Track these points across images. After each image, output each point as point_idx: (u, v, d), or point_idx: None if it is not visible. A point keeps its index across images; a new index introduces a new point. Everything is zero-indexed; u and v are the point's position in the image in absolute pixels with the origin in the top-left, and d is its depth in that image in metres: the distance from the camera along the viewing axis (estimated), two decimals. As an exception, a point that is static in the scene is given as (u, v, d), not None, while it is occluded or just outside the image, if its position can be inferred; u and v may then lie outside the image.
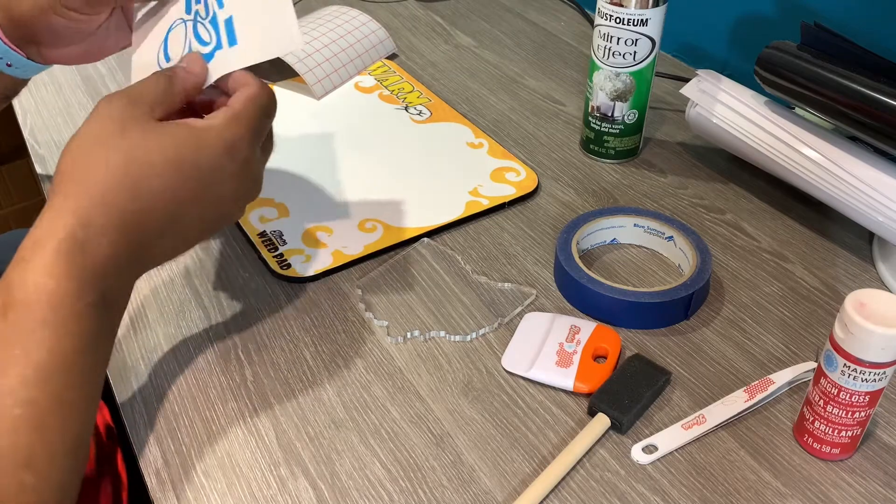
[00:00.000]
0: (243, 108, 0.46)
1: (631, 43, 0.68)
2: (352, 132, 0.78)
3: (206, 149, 0.44)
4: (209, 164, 0.44)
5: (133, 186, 0.42)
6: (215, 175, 0.44)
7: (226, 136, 0.44)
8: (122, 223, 0.42)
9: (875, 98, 0.56)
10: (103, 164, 0.41)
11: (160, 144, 0.43)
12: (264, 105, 0.47)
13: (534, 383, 0.53)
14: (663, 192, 0.71)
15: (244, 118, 0.46)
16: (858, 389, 0.44)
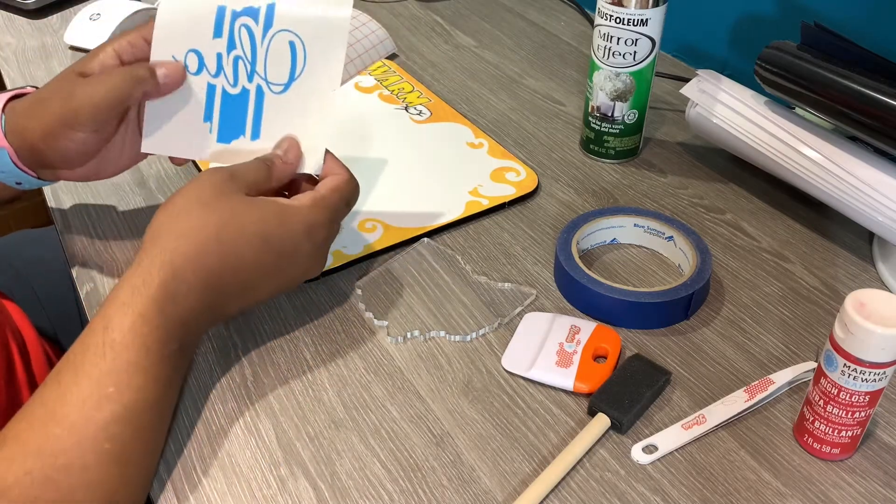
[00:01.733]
0: (328, 196, 0.50)
1: (631, 43, 0.68)
2: (352, 132, 0.78)
3: (290, 226, 0.48)
4: (291, 240, 0.48)
5: (224, 250, 0.46)
6: (293, 252, 0.49)
7: (308, 219, 0.49)
8: (207, 281, 0.46)
9: (875, 98, 0.56)
10: (201, 225, 0.46)
11: (252, 216, 0.47)
12: (347, 196, 0.52)
13: (534, 383, 0.53)
14: (663, 192, 0.71)
15: (327, 205, 0.50)
16: (858, 389, 0.44)
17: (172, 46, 0.54)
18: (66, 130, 0.51)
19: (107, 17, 0.95)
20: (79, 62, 0.54)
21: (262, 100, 0.53)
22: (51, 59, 0.92)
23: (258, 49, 0.53)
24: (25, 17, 1.03)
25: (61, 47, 0.95)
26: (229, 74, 0.53)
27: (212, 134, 0.54)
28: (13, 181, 0.56)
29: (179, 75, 0.53)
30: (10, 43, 0.96)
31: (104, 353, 0.42)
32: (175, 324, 0.45)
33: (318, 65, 0.52)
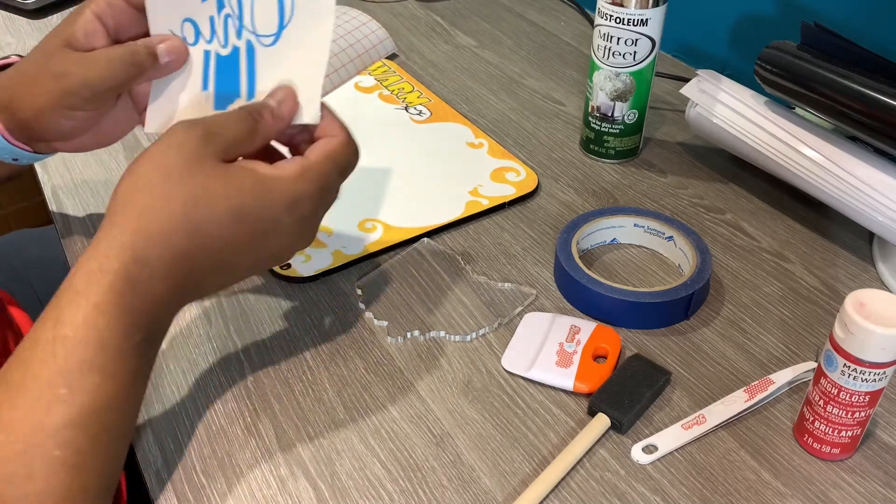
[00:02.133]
0: (317, 164, 0.44)
1: (631, 43, 0.68)
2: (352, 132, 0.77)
3: (269, 201, 0.42)
4: (269, 216, 0.43)
5: (192, 229, 0.41)
6: (273, 227, 0.43)
7: (291, 192, 0.43)
8: (175, 264, 0.41)
9: (875, 98, 0.56)
10: (165, 201, 0.40)
11: (225, 190, 0.41)
12: (341, 164, 0.46)
13: (534, 383, 0.53)
14: (663, 192, 0.71)
15: (315, 175, 0.44)
16: (858, 389, 0.44)
17: (167, 18, 0.50)
18: (62, 111, 0.49)
19: (107, 17, 0.94)
20: (61, 30, 0.50)
21: (252, 55, 0.49)
22: (51, 59, 0.92)
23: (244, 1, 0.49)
24: (25, 17, 1.03)
25: (61, 47, 0.95)
26: (220, 36, 0.50)
27: (208, 102, 0.51)
28: (9, 157, 0.53)
29: (181, 54, 0.50)
30: (10, 43, 0.96)
31: (54, 351, 0.38)
32: (138, 313, 0.40)
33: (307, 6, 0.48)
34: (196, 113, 0.50)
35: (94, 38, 0.49)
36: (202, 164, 0.41)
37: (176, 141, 0.42)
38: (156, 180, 0.41)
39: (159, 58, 0.49)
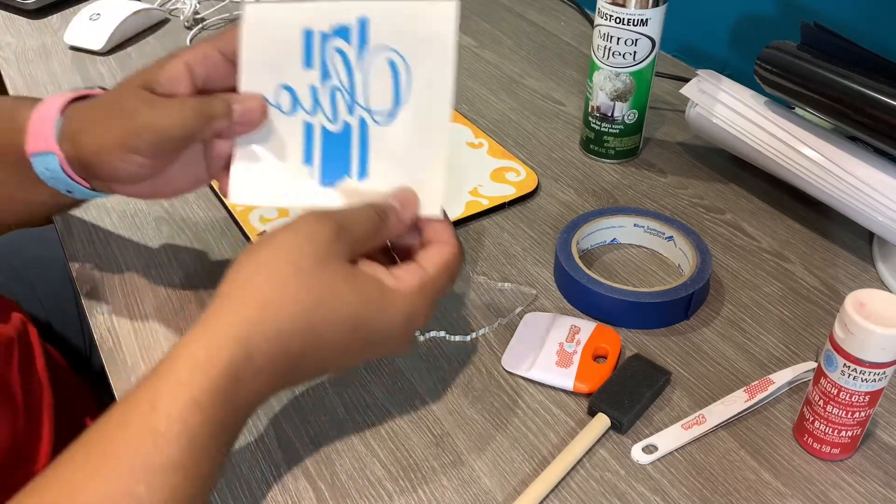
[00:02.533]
0: (435, 279, 0.43)
1: (631, 43, 0.68)
2: None
3: (387, 315, 0.41)
4: (385, 329, 0.42)
5: (310, 334, 0.39)
6: (385, 338, 0.42)
7: (409, 308, 0.42)
8: (283, 364, 0.39)
9: (875, 98, 0.56)
10: (292, 299, 0.39)
11: (349, 297, 0.40)
12: (455, 275, 0.45)
13: (534, 383, 0.53)
14: (663, 192, 0.71)
15: (432, 291, 0.43)
16: (858, 389, 0.44)
17: (261, 82, 0.47)
18: (123, 152, 0.46)
19: (107, 17, 0.95)
20: (147, 71, 0.47)
21: (366, 133, 0.46)
22: (51, 59, 0.92)
23: (355, 74, 0.46)
24: (25, 17, 1.03)
25: (61, 47, 0.95)
26: (327, 109, 0.47)
27: (313, 177, 0.48)
28: (64, 188, 0.50)
29: (259, 114, 0.47)
30: (11, 43, 0.96)
31: (143, 442, 0.35)
32: (233, 410, 0.38)
33: (426, 83, 0.45)
34: (298, 186, 0.48)
35: (177, 86, 0.46)
36: (333, 262, 0.40)
37: (307, 232, 0.40)
38: (285, 274, 0.39)
39: (234, 114, 0.46)
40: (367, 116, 0.46)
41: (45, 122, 0.48)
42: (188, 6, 1.02)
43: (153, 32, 0.99)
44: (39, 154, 0.48)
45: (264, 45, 0.47)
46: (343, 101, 0.47)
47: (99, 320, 0.57)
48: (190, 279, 0.61)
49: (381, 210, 0.44)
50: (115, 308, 0.58)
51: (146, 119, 0.45)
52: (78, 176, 0.49)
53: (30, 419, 0.59)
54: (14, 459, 0.55)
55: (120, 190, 0.50)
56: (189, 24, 1.00)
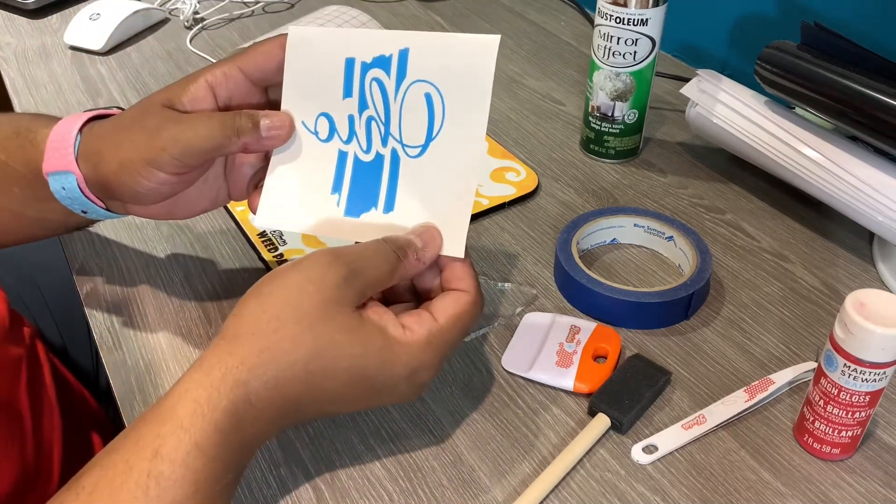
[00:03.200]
0: (445, 331, 0.42)
1: (631, 43, 0.68)
2: None
3: (391, 367, 0.40)
4: (388, 381, 0.41)
5: (310, 380, 0.39)
6: (388, 390, 0.42)
7: (415, 362, 0.41)
8: (284, 409, 0.39)
9: (875, 98, 0.56)
10: (291, 346, 0.38)
11: (351, 349, 0.39)
12: (467, 325, 0.43)
13: (534, 383, 0.53)
14: (663, 192, 0.71)
15: (441, 344, 0.42)
16: (858, 389, 0.44)
17: (301, 107, 0.47)
18: (146, 168, 0.45)
19: (106, 17, 0.95)
20: (168, 90, 0.47)
21: (397, 166, 0.46)
22: (51, 59, 0.92)
23: (391, 106, 0.45)
24: (25, 17, 1.03)
25: (61, 47, 0.95)
26: (362, 139, 0.46)
27: (339, 207, 0.47)
28: (79, 209, 0.49)
29: (287, 129, 0.47)
30: (10, 43, 0.96)
31: (147, 487, 0.35)
32: (236, 452, 0.38)
33: (459, 119, 0.44)
34: (323, 214, 0.47)
35: (200, 104, 0.46)
36: (337, 311, 0.39)
37: (316, 275, 0.40)
38: (286, 319, 0.39)
39: (261, 128, 0.46)
40: (400, 149, 0.45)
41: (64, 141, 0.47)
42: (188, 6, 1.02)
43: (153, 32, 0.99)
44: (57, 173, 0.47)
45: (307, 70, 0.46)
46: (378, 132, 0.46)
47: (99, 320, 0.57)
48: (190, 279, 0.61)
49: (399, 248, 0.42)
50: (115, 308, 0.58)
51: (170, 135, 0.44)
52: (95, 195, 0.48)
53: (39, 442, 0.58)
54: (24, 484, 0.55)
55: (136, 211, 0.50)
56: (189, 24, 1.00)
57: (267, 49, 0.47)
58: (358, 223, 0.47)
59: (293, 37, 0.46)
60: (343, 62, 0.46)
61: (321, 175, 0.47)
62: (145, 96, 0.48)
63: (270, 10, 1.05)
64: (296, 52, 0.46)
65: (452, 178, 0.44)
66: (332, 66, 0.46)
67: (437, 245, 0.44)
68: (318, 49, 0.46)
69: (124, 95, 0.84)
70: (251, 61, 0.47)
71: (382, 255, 0.42)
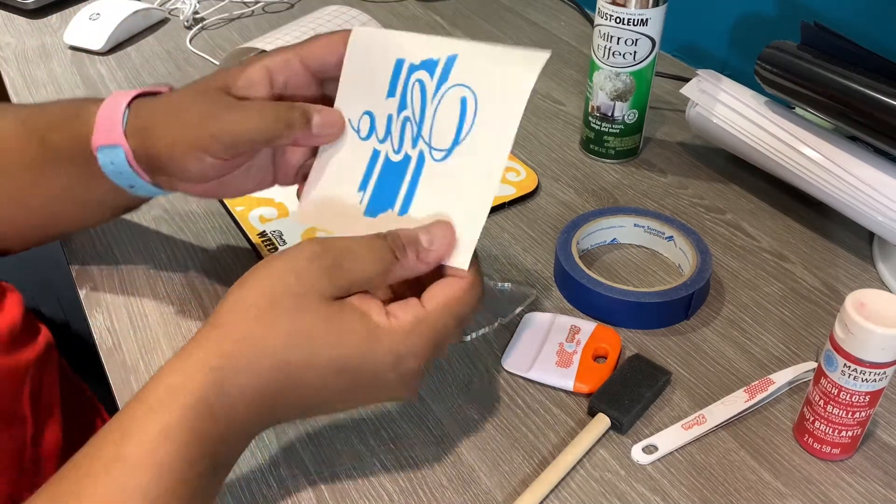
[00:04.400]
0: (433, 317, 0.40)
1: (631, 43, 0.68)
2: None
3: (373, 355, 0.39)
4: (372, 370, 0.39)
5: (287, 371, 0.38)
6: (373, 381, 0.40)
7: (399, 348, 0.39)
8: (260, 398, 0.38)
9: (875, 98, 0.56)
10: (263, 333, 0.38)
11: (328, 338, 0.38)
12: (461, 314, 0.41)
13: (534, 383, 0.53)
14: (663, 192, 0.71)
15: (429, 330, 0.40)
16: (859, 389, 0.44)
17: (351, 106, 0.47)
18: (195, 151, 0.45)
19: (106, 16, 0.95)
20: (224, 73, 0.46)
21: (420, 168, 0.45)
22: (50, 59, 0.92)
23: (427, 107, 0.44)
24: (25, 17, 1.03)
25: (61, 47, 0.95)
26: (395, 139, 0.46)
27: (361, 205, 0.47)
28: (127, 183, 0.49)
29: (338, 128, 0.47)
30: (10, 43, 0.96)
31: (112, 469, 0.35)
32: (208, 440, 0.37)
33: (487, 126, 0.43)
34: (348, 212, 0.47)
35: (255, 89, 0.46)
36: (317, 301, 0.38)
37: (299, 265, 0.39)
38: (263, 307, 0.38)
39: (312, 126, 0.45)
40: (427, 151, 0.45)
41: (113, 116, 0.47)
42: (188, 6, 1.02)
43: (153, 32, 0.99)
44: (106, 147, 0.47)
45: (362, 69, 0.46)
46: (410, 133, 0.45)
47: (99, 320, 0.57)
48: (190, 279, 0.61)
49: (399, 246, 0.41)
50: (115, 308, 0.58)
51: (224, 122, 0.44)
52: (144, 171, 0.48)
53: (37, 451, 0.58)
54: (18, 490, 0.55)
55: (184, 188, 0.49)
56: (189, 24, 1.00)
57: (330, 42, 0.46)
58: (373, 222, 0.46)
59: (356, 34, 0.46)
60: (394, 62, 0.45)
61: (353, 172, 0.47)
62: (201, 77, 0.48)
63: (270, 10, 1.05)
64: (355, 50, 0.46)
65: (470, 188, 0.43)
66: (384, 65, 0.46)
67: (444, 247, 0.42)
68: (375, 48, 0.46)
69: (124, 95, 0.84)
70: (312, 52, 0.46)
71: (375, 253, 0.40)
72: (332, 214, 0.48)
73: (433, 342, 0.40)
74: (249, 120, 0.44)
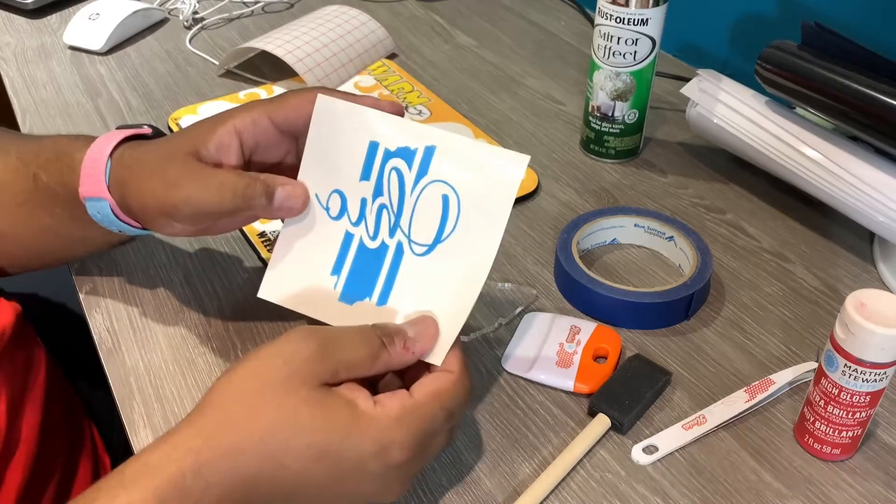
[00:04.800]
0: (419, 407, 0.39)
1: (631, 42, 0.68)
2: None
3: (356, 442, 0.38)
4: (354, 458, 0.38)
5: (266, 455, 0.37)
6: (356, 471, 0.38)
7: (383, 437, 0.38)
8: (237, 485, 0.37)
9: (875, 98, 0.56)
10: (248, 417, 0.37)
11: (312, 422, 0.37)
12: (449, 407, 0.40)
13: (534, 384, 0.52)
14: (664, 192, 0.71)
15: (415, 420, 0.39)
16: (859, 390, 0.44)
17: (318, 180, 0.47)
18: (164, 218, 0.47)
19: (106, 16, 0.94)
20: (196, 134, 0.47)
21: (399, 260, 0.45)
22: (50, 59, 0.92)
23: (406, 200, 0.44)
24: (25, 17, 1.03)
25: (60, 47, 0.95)
26: (370, 225, 0.46)
27: (335, 290, 0.46)
28: (116, 229, 0.51)
29: (301, 202, 0.47)
30: (10, 43, 0.96)
31: None
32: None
33: (472, 230, 0.43)
34: (319, 295, 0.47)
35: (225, 154, 0.47)
36: (302, 385, 0.38)
37: (286, 350, 0.39)
38: (248, 390, 0.38)
39: (274, 200, 0.46)
40: (406, 243, 0.45)
41: (97, 167, 0.48)
42: (188, 6, 1.02)
43: (152, 32, 0.99)
44: (92, 199, 0.49)
45: (330, 141, 0.46)
46: (387, 222, 0.45)
47: (99, 320, 0.57)
48: (189, 279, 0.61)
49: (386, 334, 0.41)
50: (115, 308, 0.58)
51: (186, 193, 0.45)
52: (130, 218, 0.49)
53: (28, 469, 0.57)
54: None
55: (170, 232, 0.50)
56: (188, 24, 1.00)
57: (297, 103, 0.47)
58: (349, 310, 0.46)
59: (321, 103, 0.46)
60: (367, 144, 0.45)
61: (325, 254, 0.47)
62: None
63: (270, 10, 1.05)
64: (321, 120, 0.46)
65: (451, 288, 0.43)
66: (356, 144, 0.46)
67: (430, 339, 0.42)
68: (345, 123, 0.46)
69: (124, 95, 0.84)
70: (280, 111, 0.47)
71: (363, 338, 0.40)
72: (305, 296, 0.47)
73: (420, 433, 0.39)
74: (210, 193, 0.45)
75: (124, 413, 0.51)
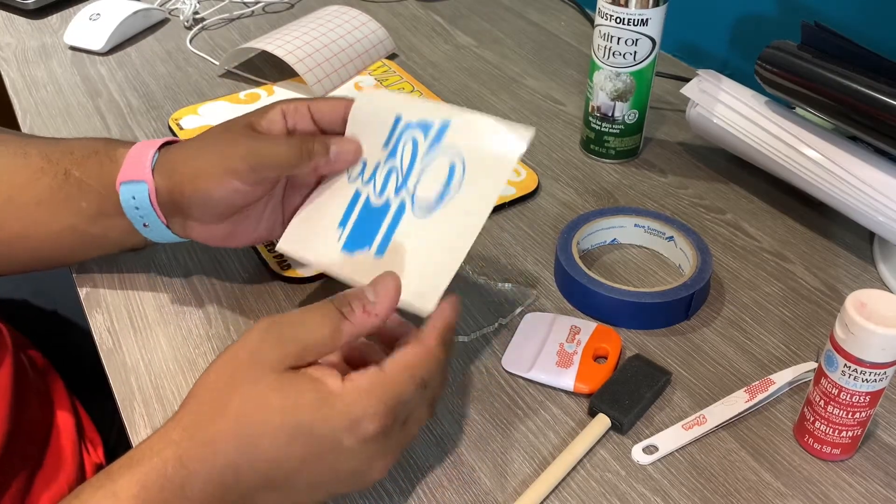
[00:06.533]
0: (389, 379, 0.40)
1: (631, 43, 0.68)
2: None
3: (327, 419, 0.38)
4: (327, 435, 0.38)
5: (243, 441, 0.38)
6: (332, 448, 0.39)
7: (353, 411, 0.38)
8: (219, 473, 0.38)
9: (875, 98, 0.56)
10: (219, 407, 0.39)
11: (283, 403, 0.38)
12: (420, 377, 0.41)
13: (534, 384, 0.53)
14: (664, 192, 0.71)
15: (385, 392, 0.39)
16: (859, 390, 0.44)
17: None
18: (223, 174, 0.48)
19: (106, 17, 0.95)
20: (248, 115, 0.51)
21: (399, 217, 0.48)
22: (51, 59, 0.92)
23: (416, 163, 0.48)
24: (25, 17, 1.03)
25: (61, 47, 0.95)
26: (378, 183, 0.50)
27: (339, 241, 0.50)
28: (141, 222, 0.52)
29: (353, 155, 0.51)
30: (10, 43, 0.96)
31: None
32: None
33: (471, 193, 0.46)
34: (326, 246, 0.51)
35: (275, 127, 0.51)
36: (269, 372, 0.39)
37: (252, 340, 0.40)
38: (221, 383, 0.39)
39: (331, 153, 0.50)
40: (409, 201, 0.48)
41: (143, 155, 0.51)
42: (188, 6, 1.02)
43: (153, 32, 0.99)
44: (130, 182, 0.51)
45: (364, 124, 0.51)
46: (394, 182, 0.49)
47: (99, 320, 0.57)
48: (190, 279, 0.61)
49: (344, 304, 0.41)
50: (115, 308, 0.58)
51: (252, 146, 0.49)
52: (161, 211, 0.51)
53: None
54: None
55: (196, 231, 0.52)
56: (189, 24, 1.00)
57: (335, 103, 0.52)
58: (350, 259, 0.50)
59: (359, 99, 0.52)
60: (393, 117, 0.50)
61: (336, 209, 0.51)
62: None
63: (270, 11, 1.05)
64: (359, 110, 0.52)
65: (445, 242, 0.46)
66: (384, 120, 0.51)
67: (391, 298, 0.42)
68: (377, 107, 0.51)
69: (124, 96, 0.84)
70: (319, 106, 0.52)
71: (322, 316, 0.41)
72: (311, 244, 0.52)
73: (391, 403, 0.39)
74: (276, 146, 0.49)
75: (125, 413, 0.51)
